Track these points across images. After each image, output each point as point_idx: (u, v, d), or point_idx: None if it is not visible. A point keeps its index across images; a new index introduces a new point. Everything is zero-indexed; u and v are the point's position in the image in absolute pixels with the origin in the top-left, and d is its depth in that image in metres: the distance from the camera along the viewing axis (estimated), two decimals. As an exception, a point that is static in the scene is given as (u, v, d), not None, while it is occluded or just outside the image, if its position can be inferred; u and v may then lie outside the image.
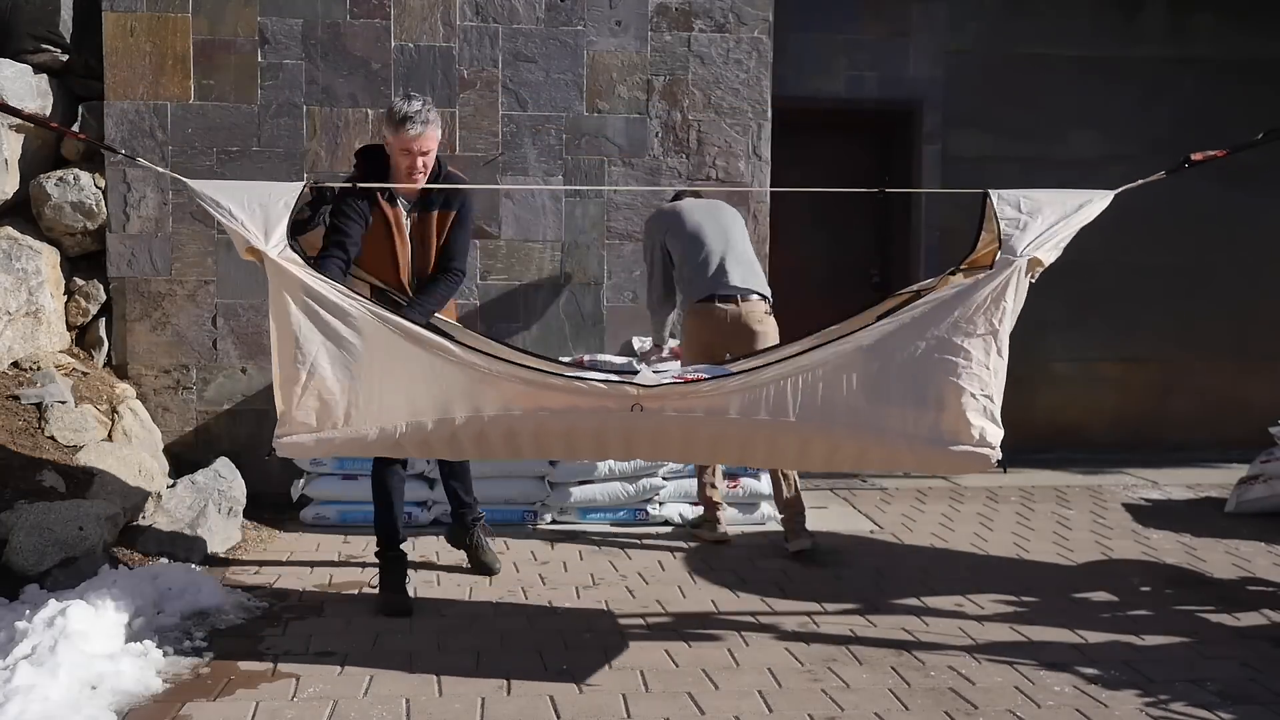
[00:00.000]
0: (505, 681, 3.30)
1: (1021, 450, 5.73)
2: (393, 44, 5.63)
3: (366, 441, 3.38)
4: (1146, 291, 7.14)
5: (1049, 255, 3.35)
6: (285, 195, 3.41)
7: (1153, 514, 5.66)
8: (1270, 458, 5.70)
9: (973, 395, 3.27)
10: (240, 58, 5.55)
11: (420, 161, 3.91)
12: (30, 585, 3.81)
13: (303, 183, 3.61)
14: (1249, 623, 4.00)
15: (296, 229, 3.65)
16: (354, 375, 3.32)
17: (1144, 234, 7.04)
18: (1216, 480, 6.35)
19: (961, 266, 3.91)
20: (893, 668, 3.48)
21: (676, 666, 3.45)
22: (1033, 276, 3.36)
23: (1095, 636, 3.80)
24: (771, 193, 5.89)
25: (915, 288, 4.13)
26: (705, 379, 3.43)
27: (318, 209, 3.91)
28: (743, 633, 3.79)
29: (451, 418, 3.36)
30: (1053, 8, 6.96)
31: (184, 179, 3.60)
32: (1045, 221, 3.37)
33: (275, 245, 3.27)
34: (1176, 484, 6.35)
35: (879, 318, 3.99)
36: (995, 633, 3.83)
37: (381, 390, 3.34)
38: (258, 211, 3.31)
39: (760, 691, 3.26)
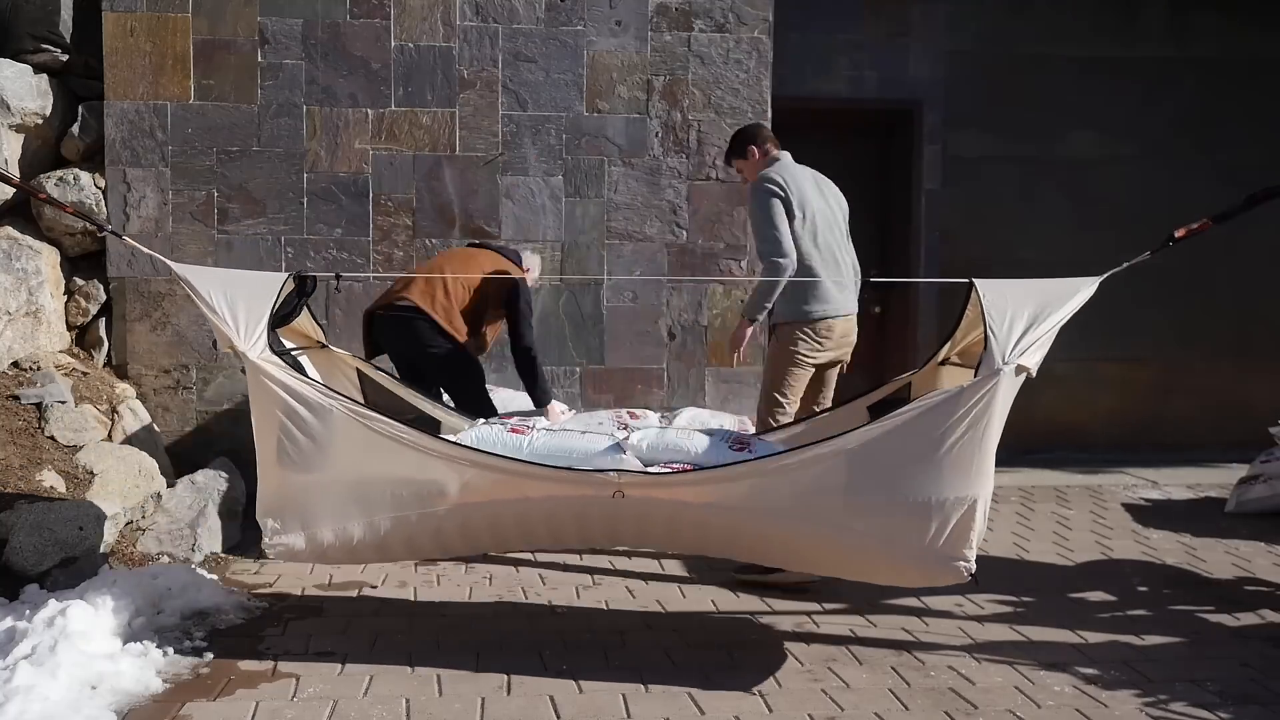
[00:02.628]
0: (505, 681, 3.30)
1: (1021, 450, 5.77)
2: (393, 44, 5.64)
3: (354, 540, 3.43)
4: (1146, 291, 7.13)
5: (1033, 358, 3.29)
6: (268, 291, 3.49)
7: (1153, 514, 5.66)
8: (1270, 458, 5.70)
9: (955, 505, 3.22)
10: (240, 58, 5.55)
11: None
12: (30, 585, 3.81)
13: (286, 274, 3.69)
14: (1248, 623, 4.00)
15: (280, 321, 3.76)
16: (337, 472, 3.37)
17: (1144, 234, 7.03)
18: (1216, 480, 6.35)
19: (953, 360, 3.94)
20: (893, 668, 3.48)
21: (676, 666, 3.45)
22: (1029, 374, 3.32)
23: (1095, 636, 3.80)
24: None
25: (907, 376, 4.14)
26: (690, 470, 3.41)
27: (300, 298, 3.96)
28: (743, 633, 3.79)
29: (435, 510, 3.41)
30: (1053, 8, 6.96)
31: (169, 262, 3.66)
32: (1030, 316, 3.32)
33: (255, 347, 3.33)
34: (1176, 484, 6.34)
35: (869, 408, 4.05)
36: (995, 633, 3.83)
37: (364, 486, 3.39)
38: (240, 308, 3.38)
39: (760, 691, 3.26)
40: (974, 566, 3.27)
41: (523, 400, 5.23)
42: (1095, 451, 7.01)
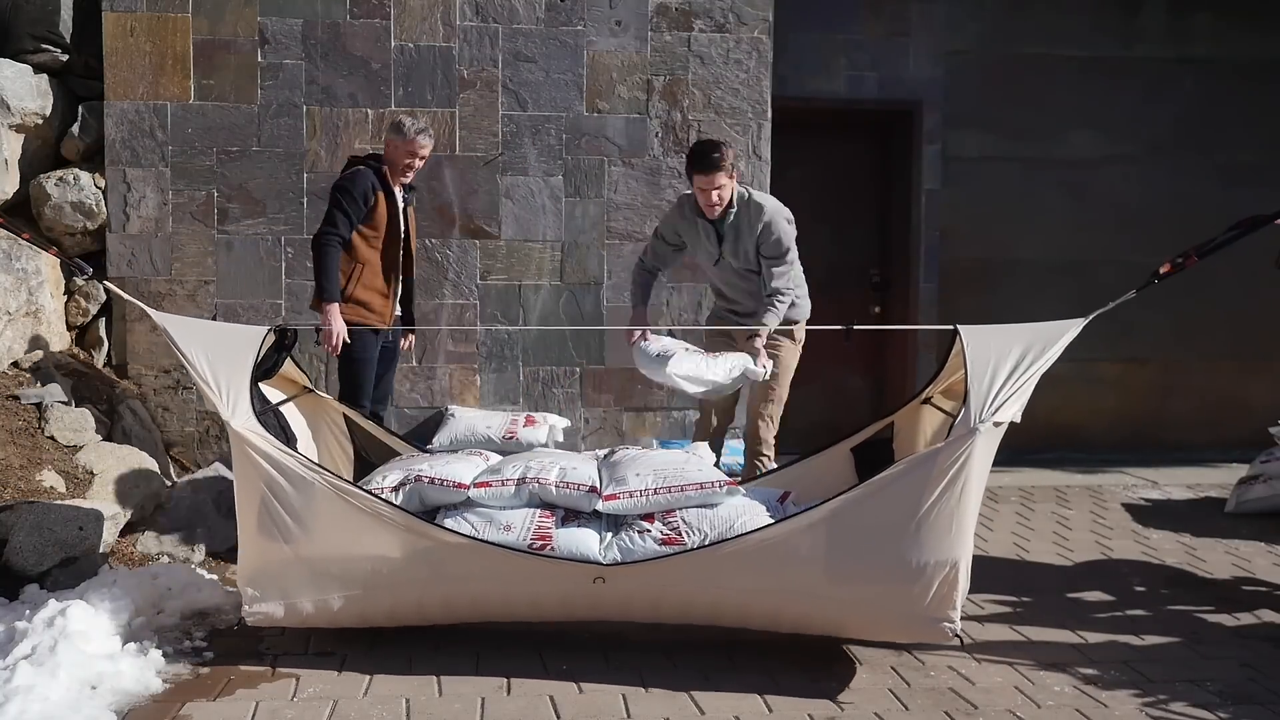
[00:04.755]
0: (505, 681, 3.30)
1: (1021, 450, 5.76)
2: (393, 44, 5.64)
3: (334, 610, 3.45)
4: (1146, 292, 7.14)
5: (1012, 409, 3.29)
6: (248, 348, 3.53)
7: (1153, 514, 5.66)
8: (1270, 458, 5.70)
9: (937, 569, 3.23)
10: (240, 58, 5.55)
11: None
12: (30, 585, 3.81)
13: (266, 328, 3.73)
14: (1248, 623, 4.00)
15: (264, 375, 3.80)
16: (318, 546, 3.38)
17: (1144, 234, 7.05)
18: (1216, 480, 6.35)
19: (936, 399, 3.95)
20: (893, 668, 3.48)
21: (676, 666, 3.45)
22: (1015, 418, 3.33)
23: (1095, 636, 3.81)
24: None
25: (890, 419, 4.18)
26: (668, 555, 3.38)
27: (280, 352, 3.97)
28: (742, 633, 3.78)
29: (416, 587, 3.42)
30: (1053, 8, 6.96)
31: (150, 310, 3.70)
32: (1012, 364, 3.33)
33: (240, 417, 3.38)
34: (1176, 484, 6.34)
35: (852, 450, 4.11)
36: (995, 633, 3.83)
37: (345, 562, 3.40)
38: (221, 371, 3.43)
39: (760, 692, 3.26)
40: (959, 626, 3.31)
41: (490, 420, 5.22)
42: (1095, 451, 7.01)
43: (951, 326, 3.53)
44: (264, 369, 3.78)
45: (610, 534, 3.47)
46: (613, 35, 5.76)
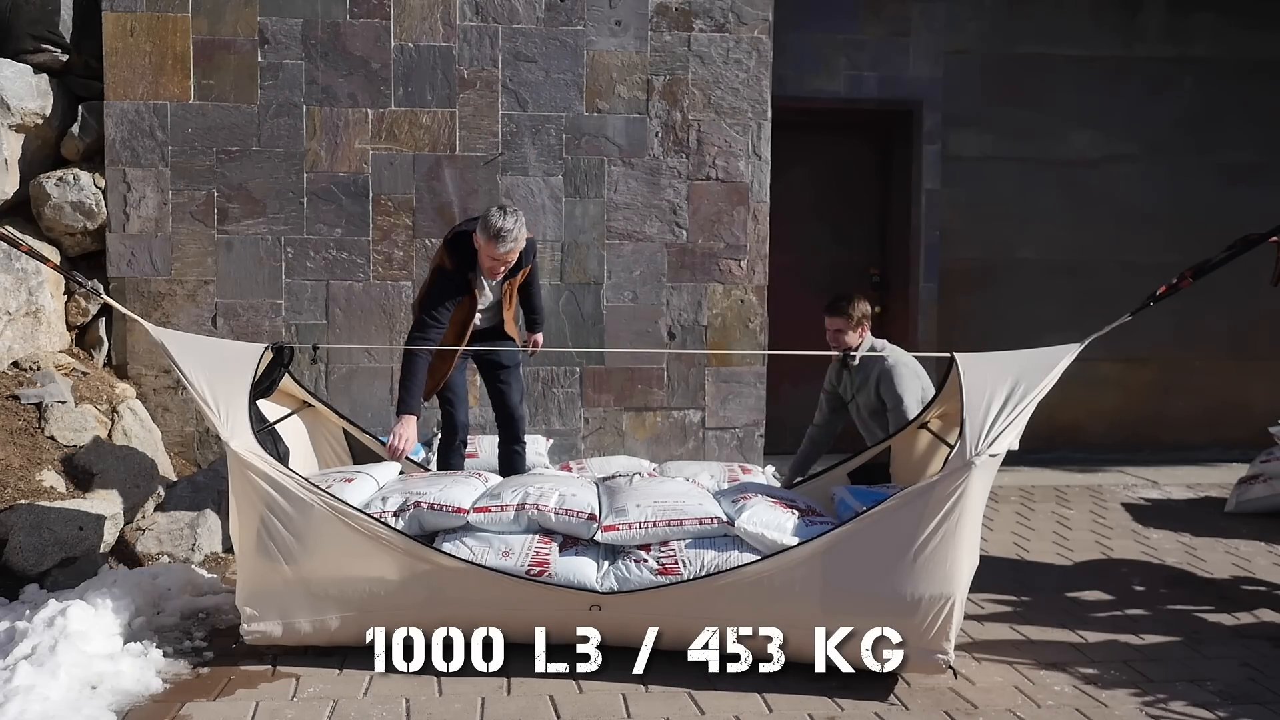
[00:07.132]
0: (505, 681, 3.30)
1: (1021, 450, 5.77)
2: (392, 44, 5.63)
3: (332, 630, 3.45)
4: (1146, 291, 7.10)
5: (1008, 439, 3.30)
6: (246, 365, 3.54)
7: (1152, 514, 5.66)
8: (1270, 458, 5.70)
9: (931, 604, 3.23)
10: (240, 58, 5.55)
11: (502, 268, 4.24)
12: (30, 585, 3.82)
13: (264, 346, 3.73)
14: (1248, 622, 4.00)
15: (262, 393, 3.80)
16: (315, 567, 3.39)
17: (1144, 234, 7.05)
18: (1216, 480, 6.35)
19: (932, 425, 3.97)
20: (892, 667, 3.48)
21: (677, 666, 3.45)
22: (1013, 446, 3.33)
23: (1094, 636, 3.81)
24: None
25: (888, 443, 4.17)
26: (664, 585, 3.38)
27: (275, 370, 3.96)
28: (742, 633, 3.79)
29: (414, 609, 3.43)
30: (1053, 7, 6.96)
31: (149, 325, 3.71)
32: (1007, 392, 3.32)
33: (239, 438, 3.37)
34: (1176, 484, 6.35)
35: (850, 475, 4.13)
36: (995, 632, 3.84)
37: (343, 582, 3.41)
38: (220, 390, 3.43)
39: (760, 691, 3.26)
40: (952, 659, 3.30)
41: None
42: (1095, 451, 7.01)
43: (948, 355, 3.53)
44: (262, 387, 3.78)
45: (607, 562, 3.49)
46: (613, 35, 5.76)
